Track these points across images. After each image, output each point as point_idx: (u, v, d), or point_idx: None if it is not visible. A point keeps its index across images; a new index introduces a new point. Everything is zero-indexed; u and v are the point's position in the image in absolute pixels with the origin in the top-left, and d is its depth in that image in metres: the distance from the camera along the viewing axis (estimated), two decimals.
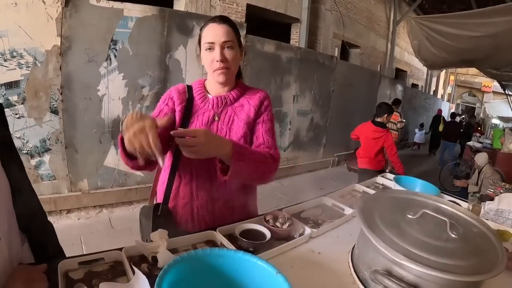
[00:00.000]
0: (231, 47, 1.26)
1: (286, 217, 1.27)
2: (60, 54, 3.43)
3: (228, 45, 1.25)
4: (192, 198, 1.34)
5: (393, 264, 0.88)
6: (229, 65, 1.27)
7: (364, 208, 1.08)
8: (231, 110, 1.36)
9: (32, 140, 3.48)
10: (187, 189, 1.34)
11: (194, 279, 0.81)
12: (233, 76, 1.36)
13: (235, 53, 1.28)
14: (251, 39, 5.33)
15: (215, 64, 1.25)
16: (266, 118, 1.40)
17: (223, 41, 1.24)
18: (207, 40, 1.25)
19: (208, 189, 1.33)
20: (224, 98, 1.36)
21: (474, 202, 1.74)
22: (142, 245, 1.01)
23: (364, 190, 1.87)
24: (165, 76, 4.24)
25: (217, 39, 1.24)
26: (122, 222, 3.77)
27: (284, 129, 6.38)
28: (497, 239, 1.00)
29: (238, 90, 1.39)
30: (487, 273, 0.82)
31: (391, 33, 11.40)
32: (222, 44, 1.24)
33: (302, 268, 1.07)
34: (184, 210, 1.35)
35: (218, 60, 1.24)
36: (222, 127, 1.34)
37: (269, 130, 1.39)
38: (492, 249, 0.95)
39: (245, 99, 1.39)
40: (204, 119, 1.33)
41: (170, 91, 1.39)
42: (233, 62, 1.28)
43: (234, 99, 1.37)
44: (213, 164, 1.28)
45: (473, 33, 4.57)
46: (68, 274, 0.90)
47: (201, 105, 1.35)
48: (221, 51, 1.24)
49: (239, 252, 0.87)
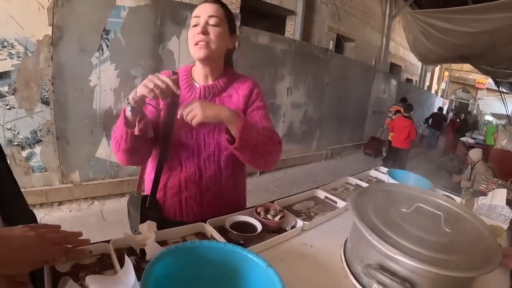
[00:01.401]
0: (217, 25, 1.20)
1: (278, 209, 1.25)
2: (51, 44, 3.37)
3: (213, 21, 1.19)
4: (180, 189, 1.32)
5: (386, 259, 0.87)
6: (210, 40, 1.19)
7: (357, 201, 1.07)
8: (218, 101, 1.32)
9: (23, 132, 3.42)
10: (176, 180, 1.32)
11: (182, 272, 0.79)
12: (215, 56, 1.27)
13: (220, 31, 1.21)
14: (245, 30, 5.28)
15: (195, 37, 1.19)
16: (260, 104, 1.37)
17: (209, 15, 1.19)
18: (194, 14, 1.21)
19: (196, 181, 1.31)
20: (212, 87, 1.31)
21: (468, 197, 1.73)
22: (130, 237, 0.99)
23: (357, 183, 1.86)
24: (158, 66, 4.18)
25: (203, 13, 1.19)
26: (114, 214, 3.74)
27: (277, 121, 6.36)
28: (491, 234, 0.99)
29: (226, 78, 1.34)
30: (482, 269, 0.81)
31: (386, 28, 11.40)
32: (207, 18, 1.19)
33: (294, 261, 1.05)
34: (172, 200, 1.33)
35: (199, 32, 1.18)
36: None
37: (265, 115, 1.37)
38: (486, 244, 0.95)
39: (233, 89, 1.35)
40: None
41: None
42: (216, 39, 1.20)
43: (222, 88, 1.33)
44: (202, 156, 1.29)
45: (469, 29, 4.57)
46: (55, 267, 0.87)
47: (187, 95, 1.31)
48: (204, 25, 1.18)
49: (229, 245, 0.84)
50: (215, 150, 1.30)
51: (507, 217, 1.49)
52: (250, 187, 5.24)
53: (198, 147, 1.29)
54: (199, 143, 1.29)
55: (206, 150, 1.30)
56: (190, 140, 1.28)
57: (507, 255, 1.11)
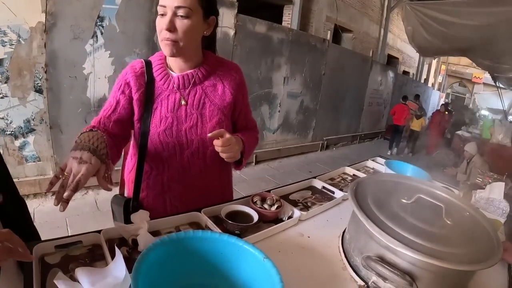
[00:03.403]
0: (186, 16, 1.04)
1: (275, 198, 1.23)
2: (44, 31, 3.30)
3: (181, 12, 1.03)
4: (163, 190, 1.26)
5: (386, 250, 0.86)
6: (178, 37, 1.05)
7: (356, 190, 1.05)
8: (200, 91, 1.21)
9: (16, 121, 3.37)
10: (158, 180, 1.25)
11: (175, 264, 0.77)
12: (187, 51, 1.13)
13: (190, 24, 1.05)
14: (242, 18, 5.21)
15: (163, 33, 1.05)
16: (247, 101, 1.35)
17: (176, 5, 1.02)
18: (160, 3, 1.05)
19: (181, 180, 1.24)
20: (191, 76, 1.19)
21: (466, 190, 1.72)
22: (122, 227, 0.96)
23: (355, 174, 1.84)
24: (152, 53, 4.06)
25: (170, 2, 1.02)
26: (108, 204, 3.62)
27: (273, 111, 6.34)
28: (492, 227, 0.98)
29: (207, 66, 1.22)
30: (483, 263, 0.80)
31: (384, 19, 11.33)
32: (174, 9, 1.03)
33: (291, 252, 1.04)
34: (156, 201, 1.27)
35: (165, 29, 1.03)
36: (192, 112, 1.20)
37: (248, 106, 1.38)
38: (487, 238, 0.93)
39: (217, 78, 1.24)
40: (170, 104, 1.18)
41: (125, 72, 1.19)
42: (184, 34, 1.05)
43: (203, 76, 1.21)
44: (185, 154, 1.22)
45: (469, 21, 4.56)
46: (44, 258, 0.85)
47: (164, 87, 1.19)
48: (171, 19, 1.03)
49: (224, 235, 0.81)
50: (199, 147, 1.22)
51: (504, 211, 1.48)
52: (245, 177, 5.26)
53: (180, 145, 1.20)
54: (180, 141, 1.19)
55: (189, 147, 1.21)
56: (170, 138, 1.18)
57: (505, 249, 1.10)
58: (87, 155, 0.87)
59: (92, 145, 0.91)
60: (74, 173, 0.84)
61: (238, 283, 0.80)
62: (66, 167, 0.86)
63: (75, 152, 0.88)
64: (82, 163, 0.85)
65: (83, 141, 0.92)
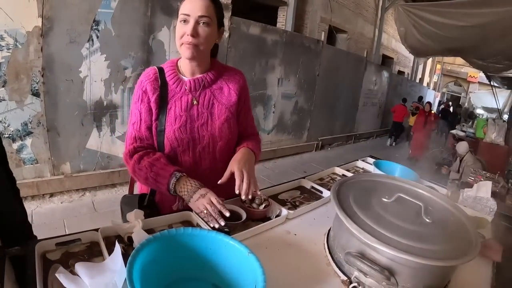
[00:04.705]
0: (207, 24, 1.18)
1: (263, 198, 1.28)
2: (41, 35, 3.34)
3: (204, 20, 1.17)
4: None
5: (366, 247, 0.90)
6: (200, 42, 1.19)
7: (339, 190, 1.09)
8: (209, 93, 1.34)
9: (13, 124, 3.40)
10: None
11: (167, 259, 0.82)
12: (203, 55, 1.27)
13: (210, 31, 1.20)
14: (236, 21, 5.26)
15: (184, 38, 1.18)
16: (249, 105, 1.45)
17: (199, 15, 1.16)
18: (183, 11, 1.17)
19: (193, 174, 1.27)
20: (202, 80, 1.32)
21: (454, 189, 1.76)
22: (118, 225, 1.01)
23: (344, 174, 1.88)
24: (148, 57, 4.18)
25: (194, 12, 1.16)
26: (105, 205, 3.76)
27: (268, 112, 6.38)
28: (471, 225, 1.01)
29: (215, 71, 1.35)
30: (459, 259, 0.83)
31: (379, 20, 11.38)
32: (197, 18, 1.16)
33: (278, 249, 1.08)
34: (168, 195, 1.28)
35: (189, 34, 1.16)
36: (202, 111, 1.32)
37: (249, 110, 1.48)
38: (466, 235, 0.97)
39: (223, 82, 1.37)
40: (183, 104, 1.29)
41: (141, 82, 1.30)
42: (205, 40, 1.20)
43: (212, 80, 1.34)
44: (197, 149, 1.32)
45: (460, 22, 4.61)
46: (46, 255, 0.90)
47: (177, 89, 1.30)
48: (194, 25, 1.16)
49: (212, 232, 0.88)
50: (209, 142, 1.33)
51: (492, 209, 1.51)
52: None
53: (193, 140, 1.31)
54: (194, 137, 1.30)
55: (200, 142, 1.32)
56: (184, 134, 1.29)
57: (490, 247, 1.14)
58: (200, 191, 1.12)
59: (194, 183, 1.16)
60: (208, 202, 1.08)
61: (225, 275, 0.86)
62: (201, 211, 1.09)
63: (193, 198, 1.11)
64: (204, 195, 1.10)
65: (186, 189, 1.14)
